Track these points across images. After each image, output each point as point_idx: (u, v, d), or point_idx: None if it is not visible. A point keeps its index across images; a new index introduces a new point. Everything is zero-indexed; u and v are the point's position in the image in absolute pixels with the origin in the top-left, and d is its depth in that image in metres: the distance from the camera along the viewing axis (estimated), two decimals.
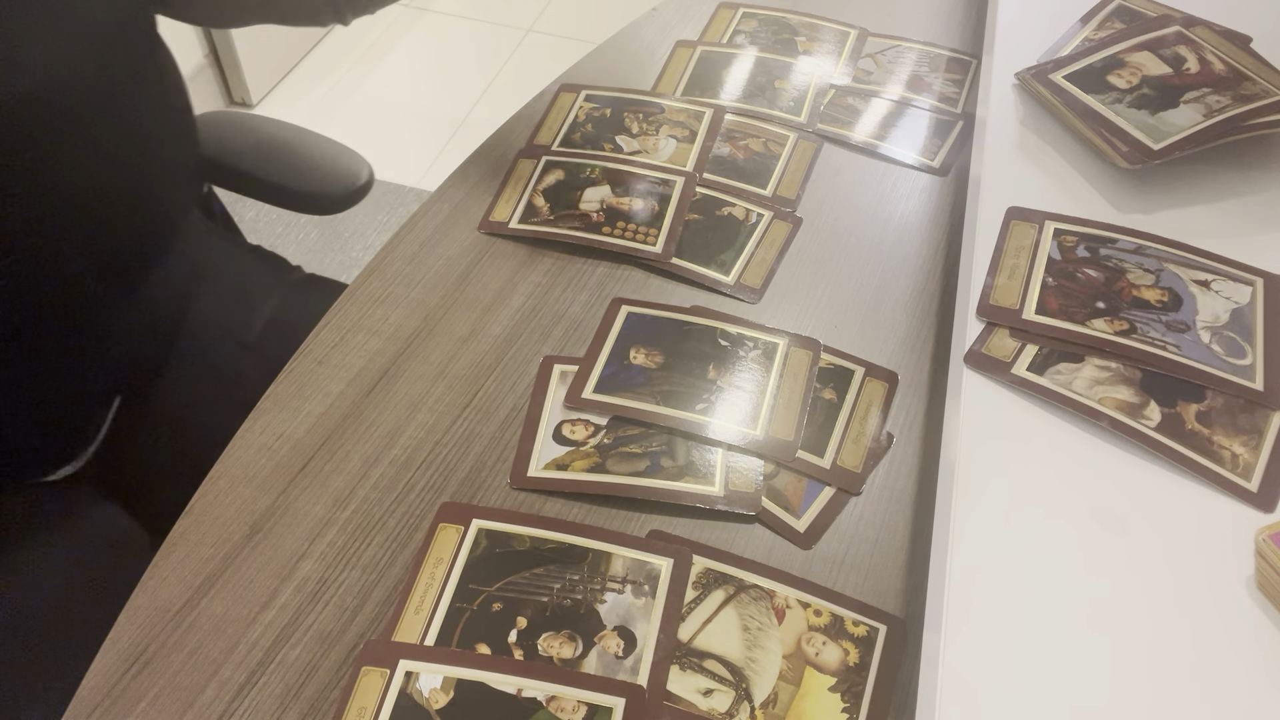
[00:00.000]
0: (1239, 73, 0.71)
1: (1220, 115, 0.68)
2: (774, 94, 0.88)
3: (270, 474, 0.61)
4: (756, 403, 0.64)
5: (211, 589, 0.56)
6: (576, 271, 0.73)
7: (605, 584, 0.55)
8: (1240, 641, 0.47)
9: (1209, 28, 0.76)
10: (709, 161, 0.81)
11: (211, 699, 0.51)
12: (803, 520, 0.59)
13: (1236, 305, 0.61)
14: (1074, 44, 0.78)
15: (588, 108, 0.86)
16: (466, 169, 0.81)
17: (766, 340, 0.68)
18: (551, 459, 0.61)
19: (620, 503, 0.59)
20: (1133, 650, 0.46)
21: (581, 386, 0.65)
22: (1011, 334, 0.60)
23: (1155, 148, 0.67)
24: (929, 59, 0.92)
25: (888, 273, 0.74)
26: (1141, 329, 0.59)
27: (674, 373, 0.66)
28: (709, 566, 0.56)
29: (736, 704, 0.51)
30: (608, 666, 0.52)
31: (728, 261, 0.74)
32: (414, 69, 2.42)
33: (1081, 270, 0.63)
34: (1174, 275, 0.63)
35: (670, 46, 0.93)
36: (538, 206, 0.77)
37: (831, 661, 0.53)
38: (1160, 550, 0.50)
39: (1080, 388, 0.57)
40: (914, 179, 0.81)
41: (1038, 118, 0.75)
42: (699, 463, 0.61)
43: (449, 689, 0.50)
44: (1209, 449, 0.54)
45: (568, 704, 0.50)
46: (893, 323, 0.70)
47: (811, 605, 0.55)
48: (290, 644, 0.53)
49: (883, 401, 0.65)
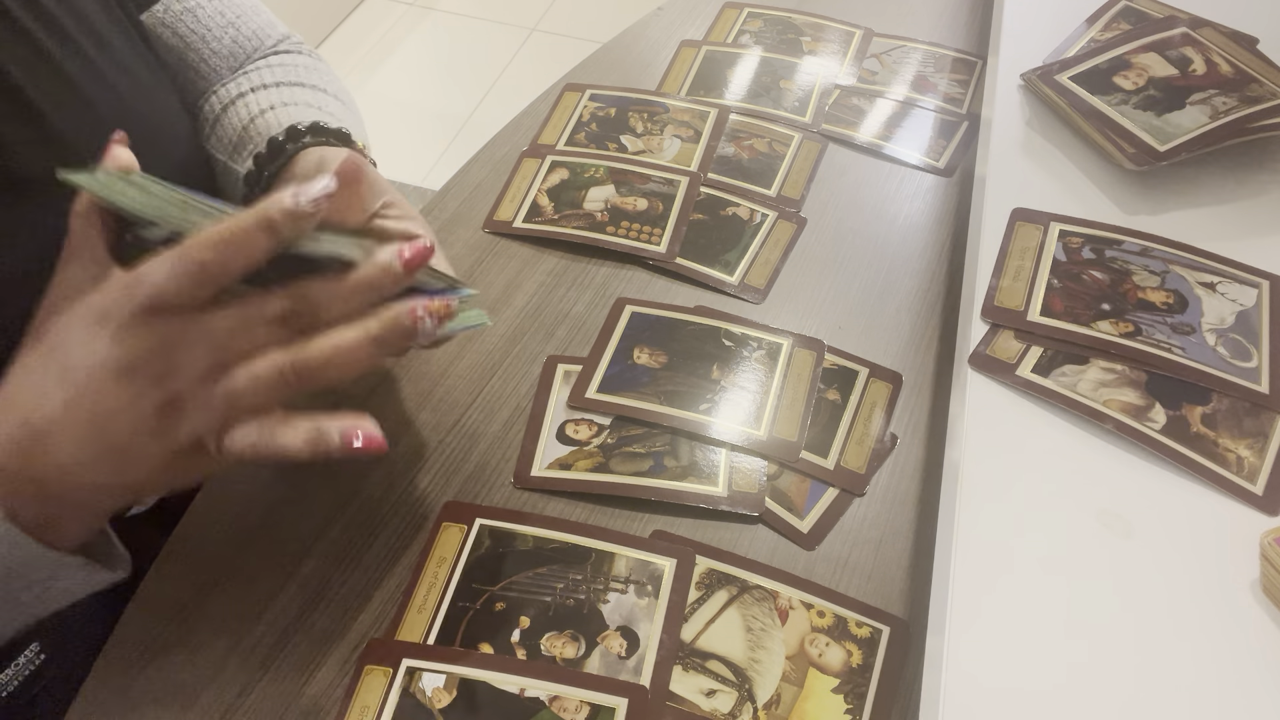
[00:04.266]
0: (1245, 74, 0.71)
1: (1227, 117, 0.68)
2: (779, 94, 0.88)
3: (273, 472, 0.61)
4: (760, 403, 0.64)
5: (214, 588, 0.56)
6: (580, 271, 0.73)
7: (608, 584, 0.55)
8: (1245, 645, 0.46)
9: (1215, 29, 0.76)
10: (713, 161, 0.81)
11: (214, 698, 0.51)
12: (806, 521, 0.59)
13: (1242, 308, 0.61)
14: (1079, 45, 0.78)
15: (592, 107, 0.86)
16: (470, 168, 0.81)
17: (770, 340, 0.68)
18: (555, 458, 0.61)
19: (623, 503, 0.59)
20: (1135, 653, 0.46)
21: (585, 386, 0.65)
22: (1016, 335, 0.60)
23: (1161, 149, 0.67)
24: (934, 59, 0.92)
25: (892, 273, 0.74)
26: (1147, 331, 0.59)
27: (678, 373, 0.66)
28: (712, 567, 0.56)
29: (739, 705, 0.51)
30: (610, 667, 0.52)
31: (732, 262, 0.74)
32: (418, 68, 2.42)
33: (1086, 272, 0.63)
34: (1179, 277, 0.63)
35: (675, 46, 0.93)
36: (542, 206, 0.77)
37: (835, 663, 0.53)
38: (1165, 553, 0.50)
39: (1085, 390, 0.57)
40: (919, 180, 0.81)
41: (1043, 119, 0.74)
42: (702, 463, 0.61)
43: (452, 688, 0.50)
44: (1214, 452, 0.54)
45: (570, 704, 0.50)
46: (897, 324, 0.70)
47: (815, 606, 0.55)
48: (293, 643, 0.53)
49: (887, 402, 0.65)
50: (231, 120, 0.69)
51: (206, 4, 0.70)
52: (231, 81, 0.71)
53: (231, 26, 0.72)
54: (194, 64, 0.71)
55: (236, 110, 0.69)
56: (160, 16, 0.69)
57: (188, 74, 0.72)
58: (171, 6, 0.69)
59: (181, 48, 0.70)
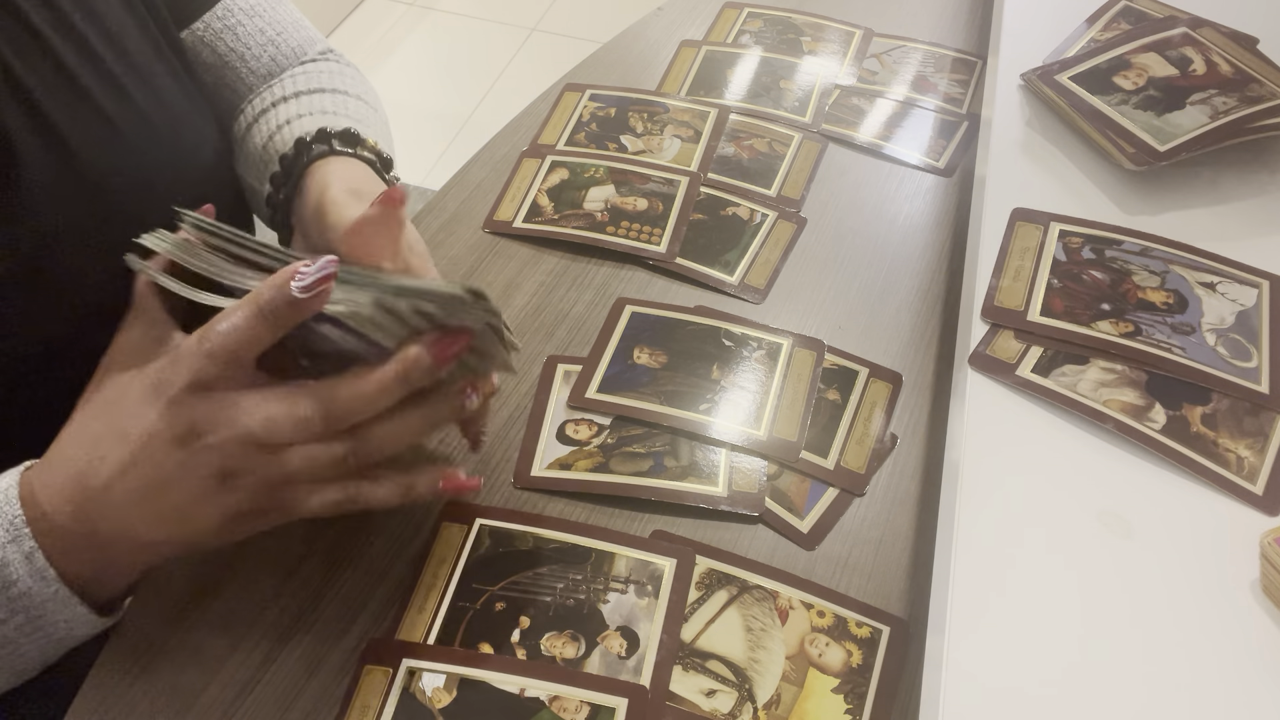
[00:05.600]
0: (1246, 74, 0.71)
1: (1227, 117, 0.68)
2: (779, 94, 0.88)
3: None
4: (760, 403, 0.64)
5: (214, 588, 0.56)
6: (580, 271, 0.73)
7: (608, 584, 0.55)
8: (1245, 645, 0.46)
9: (1215, 29, 0.76)
10: (713, 161, 0.81)
11: (214, 697, 0.51)
12: (806, 521, 0.59)
13: (1242, 308, 0.61)
14: (1079, 45, 0.78)
15: (592, 107, 0.86)
16: (470, 168, 0.81)
17: (770, 340, 0.68)
18: (555, 458, 0.61)
19: (623, 503, 0.59)
20: (1136, 653, 0.46)
21: (585, 386, 0.65)
22: (1016, 336, 0.60)
23: (1161, 149, 0.67)
24: (934, 59, 0.92)
25: (892, 273, 0.74)
26: (1147, 331, 0.59)
27: (678, 373, 0.66)
28: (712, 567, 0.56)
29: (739, 705, 0.51)
30: (610, 667, 0.52)
31: (732, 262, 0.74)
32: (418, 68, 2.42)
33: (1087, 272, 0.63)
34: (1179, 277, 0.63)
35: (675, 46, 0.93)
36: (542, 206, 0.77)
37: (835, 663, 0.53)
38: (1165, 553, 0.50)
39: (1085, 390, 0.57)
40: (919, 180, 0.81)
41: (1043, 119, 0.74)
42: (702, 463, 0.61)
43: (452, 688, 0.50)
44: (1214, 452, 0.54)
45: (570, 704, 0.50)
46: (897, 324, 0.70)
47: (815, 606, 0.55)
48: (293, 642, 0.53)
49: (887, 402, 0.65)
50: (254, 140, 0.69)
51: (247, 21, 0.70)
52: (256, 98, 0.71)
53: (271, 44, 0.72)
54: (231, 82, 0.71)
55: (258, 128, 0.69)
56: (201, 34, 0.69)
57: (224, 92, 0.72)
58: (212, 24, 0.69)
59: (220, 65, 0.70)
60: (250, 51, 0.70)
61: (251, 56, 0.71)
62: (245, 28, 0.70)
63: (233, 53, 0.70)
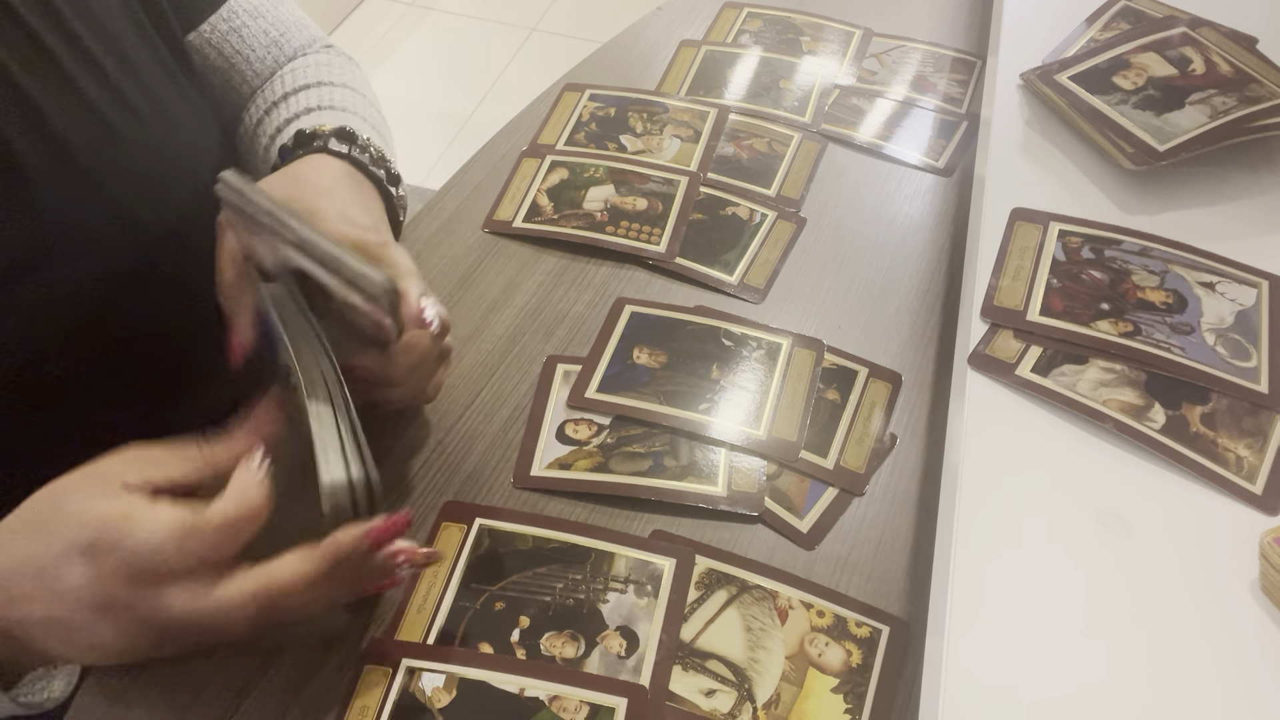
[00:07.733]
0: (1245, 74, 0.71)
1: (1226, 117, 0.68)
2: (778, 94, 0.88)
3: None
4: (759, 403, 0.64)
5: None
6: (580, 271, 0.73)
7: (608, 584, 0.55)
8: (1244, 645, 0.47)
9: (1215, 29, 0.76)
10: (713, 161, 0.81)
11: (214, 698, 0.51)
12: (805, 521, 0.59)
13: (1241, 307, 0.61)
14: (1079, 45, 0.78)
15: (592, 107, 0.86)
16: (470, 168, 0.81)
17: (770, 340, 0.68)
18: (555, 458, 0.61)
19: (623, 502, 0.59)
20: (1136, 653, 0.46)
21: (585, 386, 0.65)
22: (1015, 335, 0.60)
23: (1161, 149, 0.67)
24: (934, 59, 0.92)
25: (892, 273, 0.74)
26: (1146, 331, 0.59)
27: (677, 372, 0.66)
28: (712, 567, 0.56)
29: (739, 705, 0.51)
30: (610, 666, 0.52)
31: (731, 261, 0.74)
32: (418, 68, 2.42)
33: (1086, 272, 0.63)
34: (1179, 277, 0.63)
35: (675, 46, 0.93)
36: (542, 206, 0.77)
37: (834, 663, 0.53)
38: (1164, 553, 0.50)
39: (1084, 390, 0.57)
40: (918, 179, 0.81)
41: (1043, 119, 0.74)
42: (702, 463, 0.61)
43: (451, 688, 0.50)
44: (1213, 451, 0.54)
45: (570, 704, 0.50)
46: (896, 323, 0.70)
47: (814, 606, 0.55)
48: (293, 641, 0.53)
49: (886, 402, 0.65)
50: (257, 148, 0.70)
51: (251, 23, 0.70)
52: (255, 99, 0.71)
53: (275, 46, 0.72)
54: (236, 84, 0.72)
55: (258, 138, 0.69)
56: (208, 36, 0.69)
57: (230, 94, 0.72)
58: (218, 26, 0.69)
59: (225, 68, 0.70)
60: (255, 54, 0.71)
61: (256, 59, 0.71)
62: (250, 29, 0.70)
63: (238, 54, 0.70)
